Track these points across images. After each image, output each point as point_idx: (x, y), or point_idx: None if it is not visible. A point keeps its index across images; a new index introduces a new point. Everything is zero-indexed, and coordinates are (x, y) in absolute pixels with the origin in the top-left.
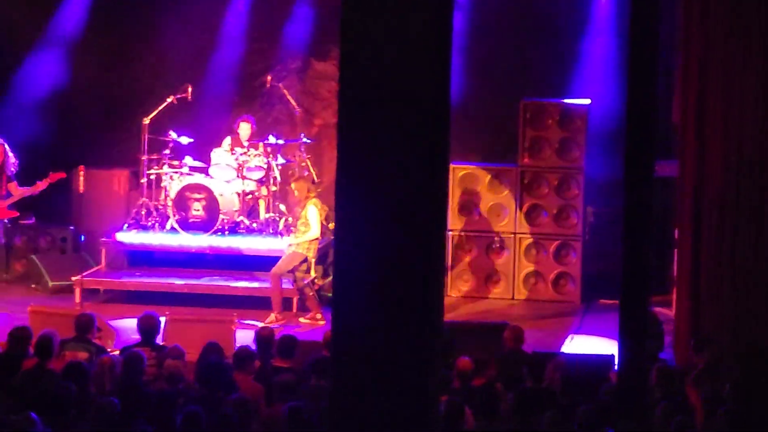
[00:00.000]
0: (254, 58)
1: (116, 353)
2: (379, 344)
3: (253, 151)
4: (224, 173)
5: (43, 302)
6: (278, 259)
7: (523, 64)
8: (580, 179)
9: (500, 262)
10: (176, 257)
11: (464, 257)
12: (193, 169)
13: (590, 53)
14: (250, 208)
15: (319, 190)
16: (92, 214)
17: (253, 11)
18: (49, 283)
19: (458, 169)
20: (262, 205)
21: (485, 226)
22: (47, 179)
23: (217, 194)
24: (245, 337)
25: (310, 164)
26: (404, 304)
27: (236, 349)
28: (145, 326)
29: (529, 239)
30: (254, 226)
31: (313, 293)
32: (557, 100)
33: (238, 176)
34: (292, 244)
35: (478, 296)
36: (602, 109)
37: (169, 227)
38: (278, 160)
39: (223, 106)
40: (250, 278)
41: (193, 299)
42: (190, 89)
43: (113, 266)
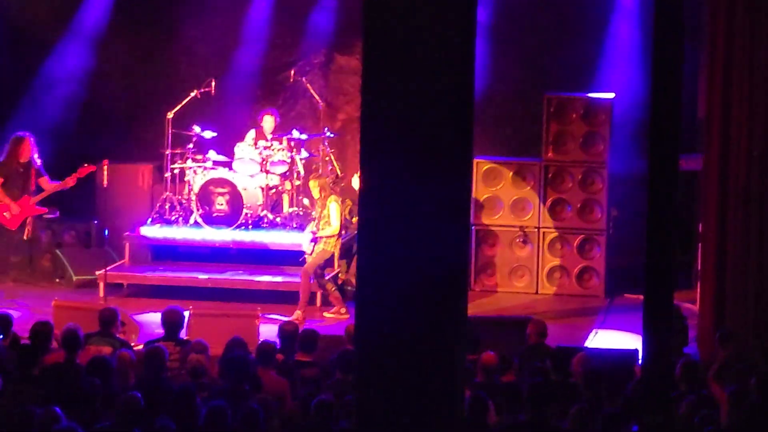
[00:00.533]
0: (278, 52)
1: (140, 347)
2: (403, 338)
3: (276, 145)
4: (248, 168)
5: (67, 297)
6: (302, 253)
7: (547, 58)
8: (604, 173)
9: (524, 256)
10: (200, 251)
11: (488, 252)
12: (216, 163)
13: (614, 47)
14: (273, 202)
15: (342, 184)
16: (116, 208)
17: (276, 5)
18: (73, 277)
19: (482, 163)
20: (285, 199)
21: (509, 220)
22: (77, 174)
23: (240, 189)
24: (269, 331)
25: (333, 158)
26: (428, 298)
27: (259, 343)
28: (168, 321)
29: (553, 233)
30: (278, 220)
31: (335, 288)
32: (581, 94)
33: (261, 171)
34: (314, 233)
35: (502, 291)
36: (626, 103)
37: (192, 221)
38: (302, 154)
39: (246, 100)
40: (273, 273)
41: (216, 294)
42: (213, 84)
43: (137, 260)
